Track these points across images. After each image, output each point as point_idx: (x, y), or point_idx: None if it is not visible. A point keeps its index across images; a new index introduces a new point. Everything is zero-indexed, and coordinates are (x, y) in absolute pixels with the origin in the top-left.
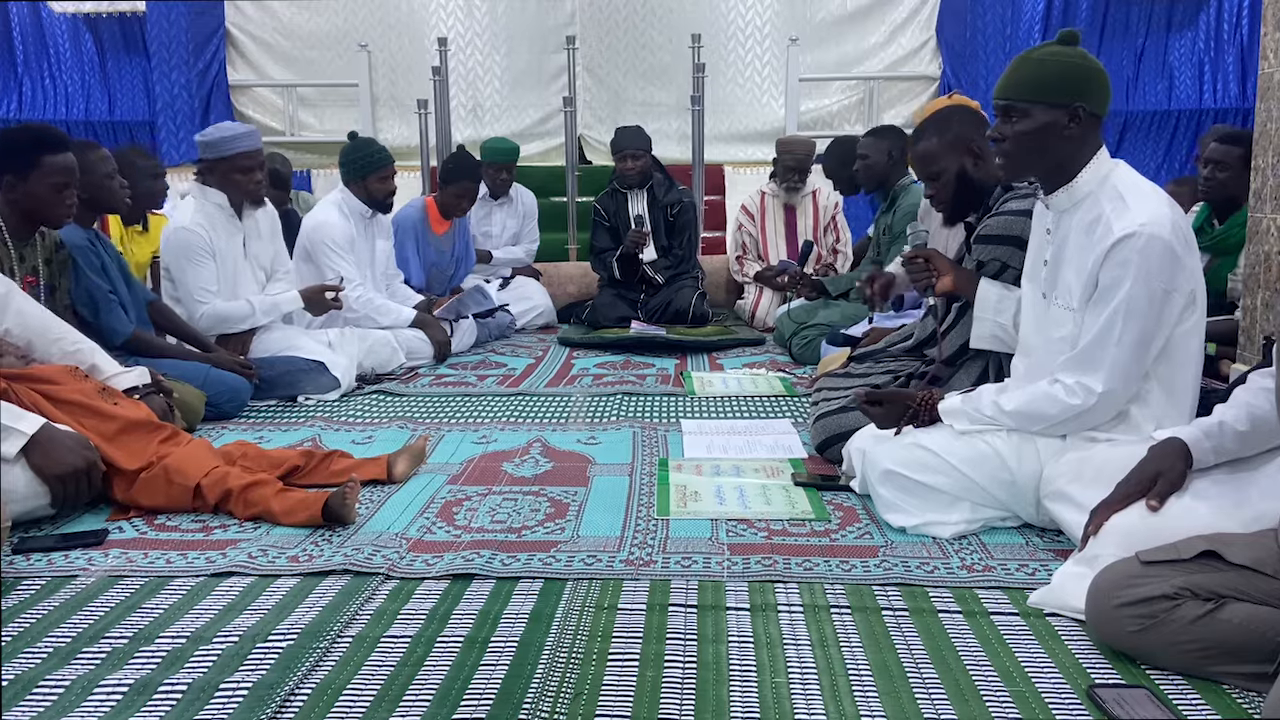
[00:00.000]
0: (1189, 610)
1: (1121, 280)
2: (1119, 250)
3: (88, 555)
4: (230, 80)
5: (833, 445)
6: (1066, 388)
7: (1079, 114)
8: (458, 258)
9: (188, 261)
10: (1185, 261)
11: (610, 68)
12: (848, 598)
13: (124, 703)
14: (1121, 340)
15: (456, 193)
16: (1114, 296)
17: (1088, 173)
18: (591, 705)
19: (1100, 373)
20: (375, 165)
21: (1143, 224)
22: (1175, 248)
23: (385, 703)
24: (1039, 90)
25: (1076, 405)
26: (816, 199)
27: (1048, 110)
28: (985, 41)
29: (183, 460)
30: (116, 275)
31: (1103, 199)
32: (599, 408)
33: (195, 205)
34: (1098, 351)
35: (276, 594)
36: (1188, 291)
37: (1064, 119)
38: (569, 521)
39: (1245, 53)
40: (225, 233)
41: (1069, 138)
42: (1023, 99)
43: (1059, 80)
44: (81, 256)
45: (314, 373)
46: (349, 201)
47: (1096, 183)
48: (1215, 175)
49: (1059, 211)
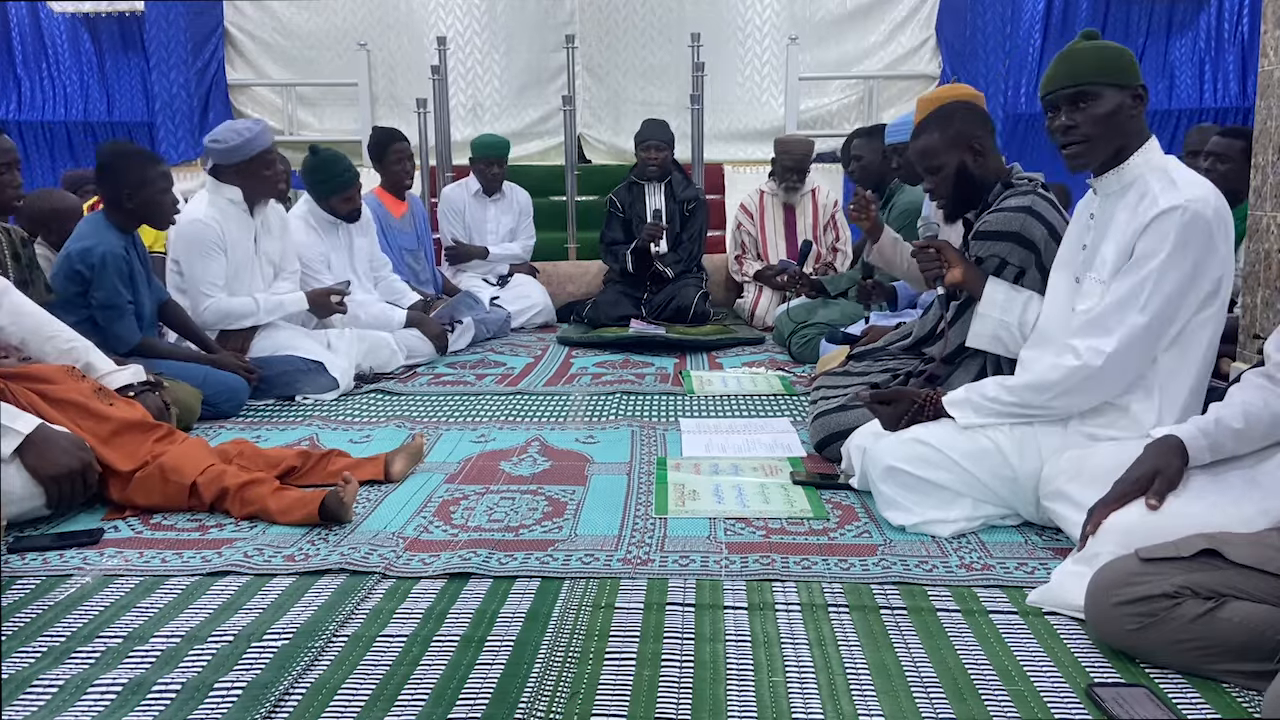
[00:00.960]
0: (1189, 609)
1: (1157, 251)
2: (1161, 222)
3: (83, 554)
4: (229, 79)
5: (832, 444)
6: (1075, 351)
7: (1140, 95)
8: (420, 235)
9: (198, 254)
10: (1220, 247)
11: (610, 67)
12: (846, 596)
13: (118, 702)
14: (1145, 308)
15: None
16: (1147, 265)
17: (1139, 156)
18: (588, 704)
19: (1114, 335)
20: (338, 188)
21: (1189, 200)
22: (1214, 231)
23: (380, 702)
24: (1107, 73)
25: (1080, 366)
26: (816, 198)
27: (1118, 92)
28: (985, 40)
29: (178, 459)
30: (142, 282)
31: (1151, 180)
32: (598, 407)
33: (209, 199)
34: (1117, 314)
35: (272, 593)
36: (1215, 278)
37: (1130, 100)
38: (567, 520)
39: (1246, 52)
40: (238, 227)
41: (1134, 118)
42: (1095, 82)
43: (1113, 65)
44: (114, 264)
45: (313, 373)
46: (315, 212)
47: (1146, 168)
48: (1216, 168)
49: (1105, 195)
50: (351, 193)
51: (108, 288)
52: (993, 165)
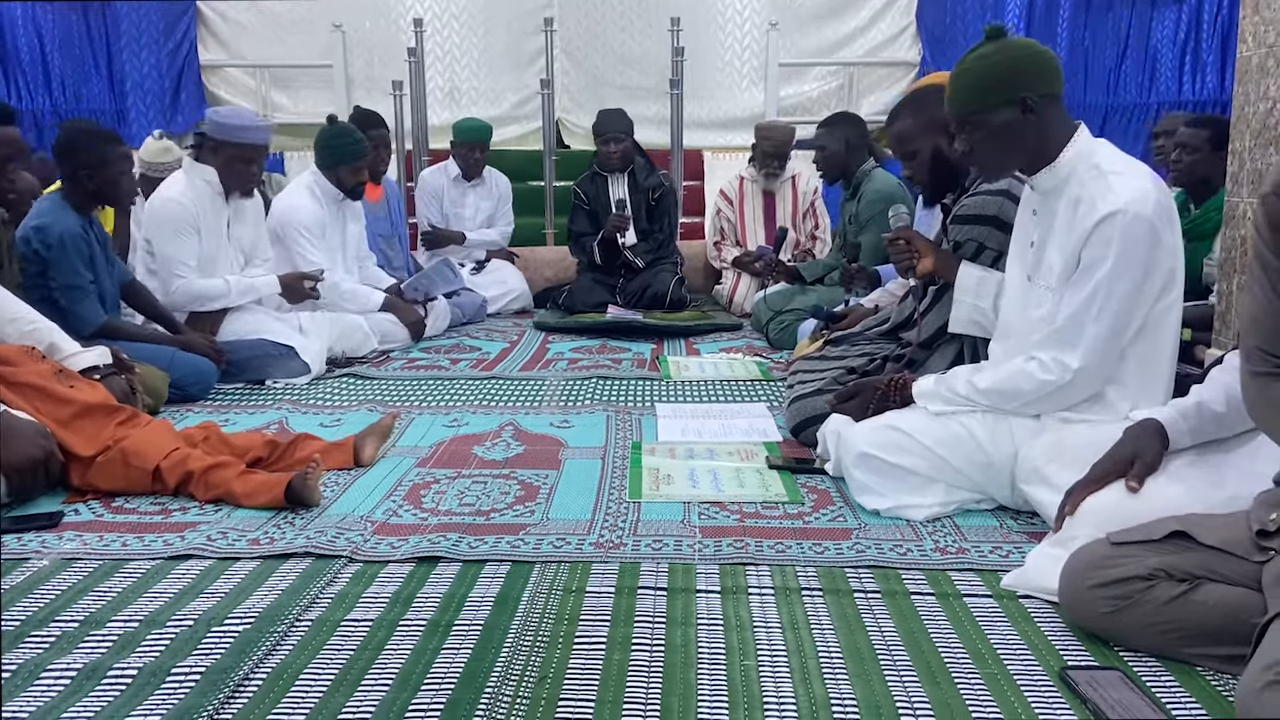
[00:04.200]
0: (1163, 591)
1: (1103, 259)
2: (1102, 229)
3: (41, 538)
4: (201, 60)
5: (808, 428)
6: (1042, 364)
7: (1028, 102)
8: (394, 220)
9: (171, 233)
10: (1166, 239)
11: (589, 51)
12: (819, 580)
13: (71, 688)
14: (1100, 317)
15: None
16: (1094, 275)
17: (1069, 151)
18: (556, 688)
19: (1077, 349)
20: (348, 157)
21: (1127, 202)
22: (1158, 226)
23: (344, 686)
24: (979, 97)
25: (1051, 381)
26: (796, 184)
27: (996, 112)
28: (965, 28)
29: (141, 443)
30: (102, 263)
31: (1086, 178)
32: (573, 391)
33: (184, 180)
34: (1075, 328)
35: (235, 577)
36: (1167, 270)
37: (1017, 113)
38: (539, 504)
39: (1225, 43)
40: (211, 210)
41: (1031, 125)
42: (968, 111)
43: (994, 81)
44: (72, 244)
45: (284, 357)
46: (321, 184)
47: (1079, 161)
48: (1183, 158)
49: (1043, 192)
50: (360, 165)
51: (67, 268)
52: None
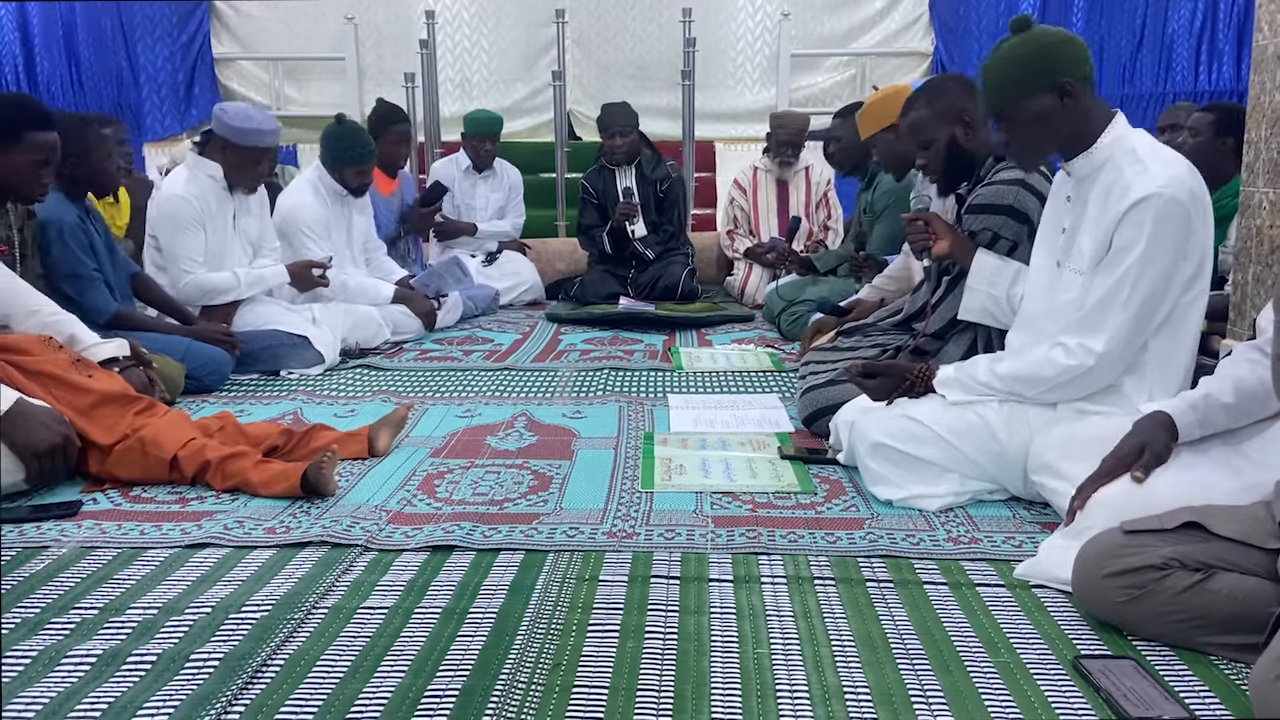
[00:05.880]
0: (1177, 580)
1: (1135, 242)
2: (1136, 212)
3: (60, 527)
4: (215, 53)
5: (820, 418)
6: (1066, 349)
7: (1066, 88)
8: (403, 214)
9: (177, 229)
10: (1199, 228)
11: (600, 42)
12: (832, 569)
13: (91, 673)
14: (1128, 303)
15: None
16: (1126, 259)
17: (1107, 137)
18: (570, 675)
19: (1103, 334)
20: (352, 160)
21: (1161, 187)
22: (1191, 213)
23: (360, 673)
24: (1017, 86)
25: (1074, 366)
26: (809, 175)
27: (1035, 99)
28: (978, 18)
29: (159, 432)
30: (104, 252)
31: (1123, 163)
32: (585, 382)
33: (188, 174)
34: (1102, 313)
35: (252, 565)
36: (1197, 259)
37: (1055, 99)
38: (551, 494)
39: (1241, 33)
40: (216, 204)
41: (1069, 111)
42: (1007, 101)
43: (1030, 69)
44: (70, 234)
45: (297, 348)
46: (325, 180)
47: (1116, 146)
48: (1188, 142)
49: (1079, 178)
50: (365, 168)
51: (70, 258)
52: (983, 138)
